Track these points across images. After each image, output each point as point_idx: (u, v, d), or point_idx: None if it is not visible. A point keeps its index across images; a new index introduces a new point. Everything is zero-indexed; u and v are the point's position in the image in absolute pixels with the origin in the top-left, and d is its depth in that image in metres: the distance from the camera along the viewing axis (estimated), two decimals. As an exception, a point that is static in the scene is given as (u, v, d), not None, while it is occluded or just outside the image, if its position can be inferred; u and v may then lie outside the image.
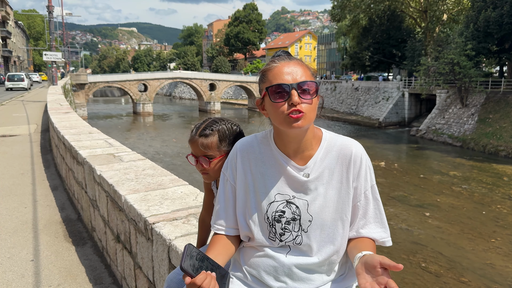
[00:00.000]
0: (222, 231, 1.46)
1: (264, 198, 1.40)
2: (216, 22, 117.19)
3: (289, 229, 1.38)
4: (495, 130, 26.17)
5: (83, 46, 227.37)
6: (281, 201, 1.39)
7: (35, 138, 10.39)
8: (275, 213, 1.39)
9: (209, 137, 1.62)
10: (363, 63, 44.80)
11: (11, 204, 5.29)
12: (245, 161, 1.45)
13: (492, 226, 13.71)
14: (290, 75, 1.29)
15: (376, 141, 30.73)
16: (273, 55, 1.44)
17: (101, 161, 4.13)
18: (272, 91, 1.29)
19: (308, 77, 1.30)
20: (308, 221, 1.37)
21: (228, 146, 1.63)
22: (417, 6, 41.72)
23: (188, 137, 1.68)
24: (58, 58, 27.34)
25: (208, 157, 1.62)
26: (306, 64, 1.35)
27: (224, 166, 1.51)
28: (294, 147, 1.38)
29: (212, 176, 1.67)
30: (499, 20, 27.67)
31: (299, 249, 1.39)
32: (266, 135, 1.46)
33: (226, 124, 1.66)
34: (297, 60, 1.33)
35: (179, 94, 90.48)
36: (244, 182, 1.44)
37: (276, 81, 1.29)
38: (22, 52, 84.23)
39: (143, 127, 42.24)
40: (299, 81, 1.28)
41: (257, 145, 1.45)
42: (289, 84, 1.27)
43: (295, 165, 1.38)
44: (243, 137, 1.54)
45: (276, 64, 1.32)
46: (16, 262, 3.69)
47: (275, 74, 1.30)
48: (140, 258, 2.69)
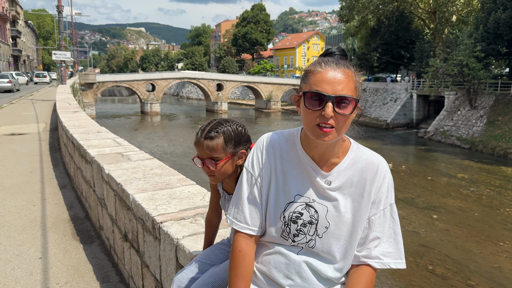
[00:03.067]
0: (245, 229, 1.42)
1: (284, 197, 1.39)
2: (224, 22, 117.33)
3: (304, 232, 1.37)
4: (504, 133, 25.93)
5: (92, 45, 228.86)
6: (301, 203, 1.37)
7: (44, 137, 10.47)
8: (293, 213, 1.38)
9: (214, 139, 1.60)
10: (371, 64, 44.60)
11: (20, 202, 5.34)
12: (271, 156, 1.42)
13: (501, 229, 13.58)
14: (332, 85, 1.22)
15: (383, 143, 30.58)
16: (324, 51, 1.38)
17: (110, 160, 4.16)
18: (309, 97, 1.25)
19: (350, 91, 1.24)
20: (325, 227, 1.36)
21: (234, 148, 1.62)
22: (426, 7, 41.48)
23: (193, 139, 1.67)
24: (67, 57, 27.51)
25: (214, 159, 1.61)
26: (354, 74, 1.28)
27: (247, 162, 1.47)
28: (320, 152, 1.35)
29: (219, 178, 1.66)
30: (509, 22, 27.41)
31: (311, 251, 1.38)
32: (293, 134, 1.44)
33: (231, 126, 1.65)
34: (344, 69, 1.26)
35: (187, 94, 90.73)
36: (269, 177, 1.42)
37: (315, 87, 1.24)
38: (31, 51, 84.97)
39: (151, 127, 42.40)
40: (338, 94, 1.22)
41: (284, 143, 1.43)
42: (327, 94, 1.22)
43: (319, 170, 1.37)
44: (267, 133, 1.50)
45: (321, 69, 1.25)
46: (25, 259, 3.72)
47: (317, 80, 1.24)
48: (147, 257, 2.71)
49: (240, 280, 1.38)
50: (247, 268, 1.39)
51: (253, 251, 1.43)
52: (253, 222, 1.42)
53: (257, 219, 1.42)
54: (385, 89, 41.70)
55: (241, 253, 1.40)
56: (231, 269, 1.40)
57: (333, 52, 1.34)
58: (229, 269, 1.42)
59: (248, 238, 1.42)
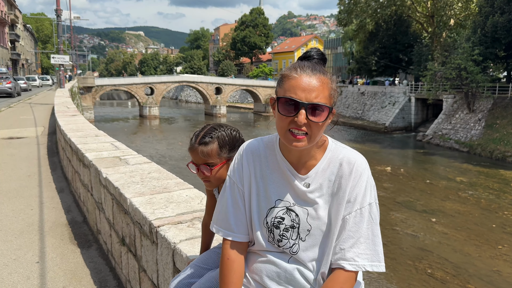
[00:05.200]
0: (231, 236, 1.42)
1: (265, 202, 1.39)
2: (223, 26, 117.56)
3: (286, 236, 1.37)
4: (503, 136, 25.97)
5: (90, 49, 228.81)
6: (282, 207, 1.37)
7: (42, 141, 10.46)
8: (274, 219, 1.37)
9: (209, 144, 1.60)
10: (369, 67, 44.68)
11: (17, 206, 5.33)
12: (251, 163, 1.43)
13: (499, 233, 13.58)
14: (306, 92, 1.22)
15: (382, 146, 30.60)
16: (303, 54, 1.36)
17: (107, 164, 4.15)
18: (283, 103, 1.25)
19: (324, 99, 1.23)
20: (306, 230, 1.36)
21: (229, 153, 1.62)
22: (424, 11, 41.60)
23: (188, 145, 1.66)
24: (65, 61, 27.55)
25: (209, 164, 1.60)
26: (329, 81, 1.27)
27: (230, 170, 1.48)
28: (297, 156, 1.36)
29: (214, 183, 1.65)
30: (507, 26, 27.52)
31: (297, 257, 1.38)
32: (272, 139, 1.44)
33: (225, 131, 1.64)
34: (319, 75, 1.25)
35: (185, 97, 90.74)
36: (249, 184, 1.43)
37: (289, 94, 1.23)
38: (30, 55, 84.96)
39: (149, 130, 42.37)
40: (312, 101, 1.22)
41: (263, 149, 1.43)
42: (300, 101, 1.21)
43: (297, 174, 1.36)
44: (248, 140, 1.52)
45: (296, 76, 1.25)
46: (22, 264, 3.71)
47: (291, 86, 1.24)
48: (144, 261, 2.70)
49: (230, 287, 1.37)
50: (236, 275, 1.39)
51: (241, 258, 1.42)
52: (238, 228, 1.42)
53: (242, 226, 1.42)
54: (383, 92, 41.77)
55: (229, 260, 1.40)
56: (220, 277, 1.40)
57: (311, 55, 1.33)
58: (219, 277, 1.42)
59: (235, 245, 1.42)
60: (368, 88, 44.88)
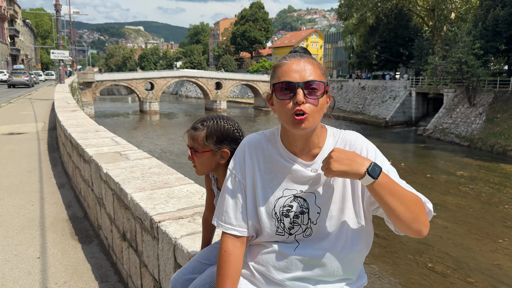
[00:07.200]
0: (230, 230, 1.43)
1: (271, 193, 1.40)
2: (223, 20, 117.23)
3: (298, 223, 1.38)
4: (503, 130, 25.94)
5: (90, 44, 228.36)
6: (288, 196, 1.38)
7: (43, 136, 10.45)
8: (283, 208, 1.38)
9: (197, 130, 1.67)
10: (370, 62, 44.53)
11: (18, 201, 5.33)
12: (253, 156, 1.44)
13: (500, 227, 13.59)
14: (299, 73, 1.28)
15: (382, 141, 30.57)
16: (290, 50, 1.44)
17: (108, 159, 4.14)
18: (279, 88, 1.29)
19: (317, 77, 1.29)
20: (317, 213, 1.37)
21: (215, 144, 1.65)
22: (424, 5, 41.43)
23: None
24: (65, 56, 27.49)
25: (194, 149, 1.67)
26: (318, 63, 1.33)
27: (230, 164, 1.49)
28: (301, 146, 1.38)
29: (200, 170, 1.70)
30: (508, 19, 27.39)
31: (308, 242, 1.38)
32: (273, 133, 1.46)
33: (219, 123, 1.68)
34: (308, 58, 1.32)
35: (185, 92, 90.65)
36: (252, 177, 1.43)
37: (283, 78, 1.29)
38: (29, 50, 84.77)
39: (150, 126, 42.36)
40: (306, 79, 1.27)
41: (265, 142, 1.45)
42: (295, 82, 1.26)
43: (302, 162, 1.38)
44: (250, 134, 1.53)
45: (286, 61, 1.32)
46: (23, 259, 3.71)
47: (284, 71, 1.30)
48: (145, 257, 2.70)
49: (225, 280, 1.39)
50: (232, 268, 1.40)
51: (239, 252, 1.43)
52: (238, 222, 1.43)
53: (241, 219, 1.43)
54: (384, 86, 41.68)
55: (226, 253, 1.41)
56: (217, 269, 1.43)
57: (297, 51, 1.40)
58: (216, 269, 1.44)
59: (234, 239, 1.43)
60: (369, 82, 44.78)
